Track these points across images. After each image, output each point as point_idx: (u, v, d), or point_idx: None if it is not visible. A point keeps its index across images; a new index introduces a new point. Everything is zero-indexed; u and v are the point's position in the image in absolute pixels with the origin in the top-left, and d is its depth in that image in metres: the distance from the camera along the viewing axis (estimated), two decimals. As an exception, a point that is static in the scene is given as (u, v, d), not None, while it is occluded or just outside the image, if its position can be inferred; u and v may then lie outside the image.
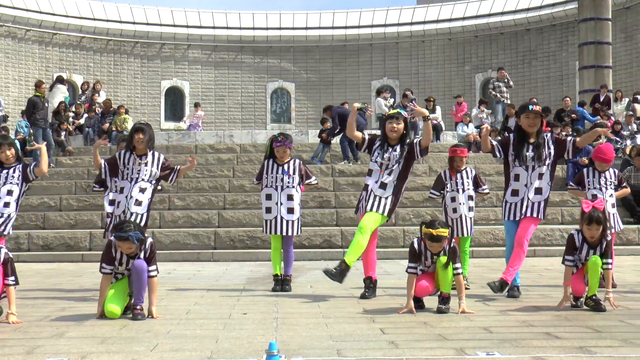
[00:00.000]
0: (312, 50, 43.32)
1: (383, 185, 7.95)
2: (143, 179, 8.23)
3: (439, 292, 7.04)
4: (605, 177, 9.27)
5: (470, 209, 8.98)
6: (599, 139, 14.32)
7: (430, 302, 7.20)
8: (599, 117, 22.10)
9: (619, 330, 5.91)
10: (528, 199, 7.79)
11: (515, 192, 7.88)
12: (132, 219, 7.91)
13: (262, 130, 29.14)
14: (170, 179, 8.46)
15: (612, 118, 22.25)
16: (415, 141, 8.01)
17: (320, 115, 22.09)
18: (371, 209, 7.91)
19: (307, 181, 9.12)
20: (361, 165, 17.84)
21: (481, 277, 10.25)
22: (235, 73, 42.74)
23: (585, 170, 9.42)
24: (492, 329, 5.99)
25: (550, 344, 5.37)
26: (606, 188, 9.23)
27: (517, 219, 7.86)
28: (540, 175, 7.85)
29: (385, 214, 7.95)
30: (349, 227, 14.58)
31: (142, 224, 8.01)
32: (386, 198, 7.95)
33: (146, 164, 8.23)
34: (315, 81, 42.10)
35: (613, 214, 9.23)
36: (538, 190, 7.83)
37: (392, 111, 8.22)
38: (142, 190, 8.18)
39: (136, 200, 8.15)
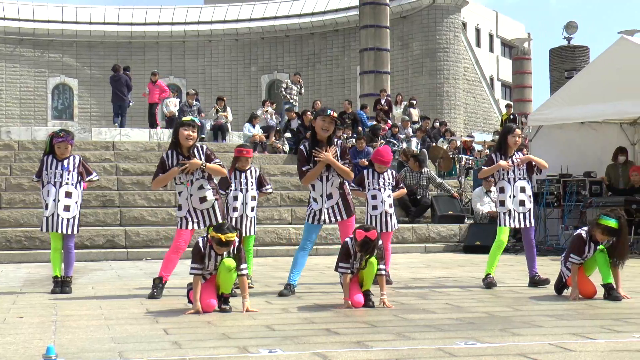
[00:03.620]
0: (96, 45, 42.19)
1: (203, 199, 7.93)
2: None
3: (221, 292, 7.07)
4: (384, 178, 9.66)
5: (252, 209, 9.09)
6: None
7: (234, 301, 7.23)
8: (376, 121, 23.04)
9: (394, 325, 6.20)
10: (324, 206, 8.12)
11: (315, 199, 8.18)
12: None
13: (42, 127, 27.99)
14: None
15: (390, 122, 23.27)
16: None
17: (105, 112, 21.74)
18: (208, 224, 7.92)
19: (88, 178, 8.93)
20: (146, 165, 17.57)
21: (265, 275, 10.42)
22: (13, 67, 40.83)
23: (365, 171, 9.78)
24: (275, 327, 6.10)
25: (330, 339, 5.54)
26: (385, 188, 9.63)
27: (320, 223, 8.18)
28: (333, 183, 8.14)
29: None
30: (133, 227, 14.32)
31: None
32: (212, 207, 7.95)
33: None
34: (99, 78, 40.96)
35: (390, 214, 9.64)
36: (329, 196, 8.12)
37: (186, 118, 8.14)
38: None
39: None
